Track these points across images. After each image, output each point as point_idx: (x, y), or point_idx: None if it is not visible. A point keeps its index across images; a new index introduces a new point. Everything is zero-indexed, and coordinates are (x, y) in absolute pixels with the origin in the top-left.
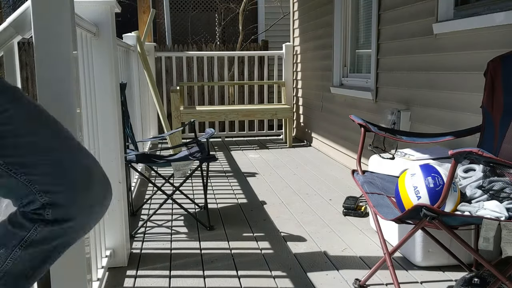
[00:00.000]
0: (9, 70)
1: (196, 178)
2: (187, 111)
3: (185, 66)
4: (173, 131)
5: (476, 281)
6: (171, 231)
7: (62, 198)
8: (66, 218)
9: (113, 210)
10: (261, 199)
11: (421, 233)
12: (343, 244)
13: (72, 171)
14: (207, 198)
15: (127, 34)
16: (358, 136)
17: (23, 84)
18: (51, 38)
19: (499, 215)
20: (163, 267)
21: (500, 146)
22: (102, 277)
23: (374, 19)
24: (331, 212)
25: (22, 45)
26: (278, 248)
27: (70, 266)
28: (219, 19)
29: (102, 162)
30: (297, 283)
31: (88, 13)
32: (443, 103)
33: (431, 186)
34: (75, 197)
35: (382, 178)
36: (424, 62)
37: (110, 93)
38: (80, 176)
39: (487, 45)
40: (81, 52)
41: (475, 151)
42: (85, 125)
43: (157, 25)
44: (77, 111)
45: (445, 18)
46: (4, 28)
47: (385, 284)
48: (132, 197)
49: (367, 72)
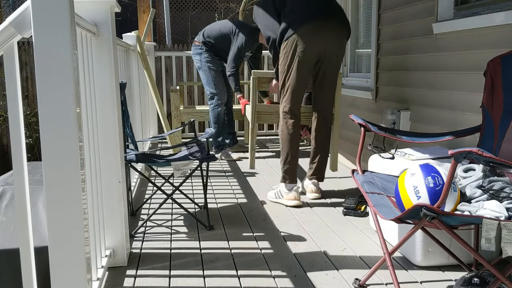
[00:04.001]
0: (9, 69)
1: (196, 178)
2: (187, 110)
3: (185, 66)
4: (173, 130)
5: (476, 281)
6: (171, 231)
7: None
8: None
9: (112, 210)
10: (261, 199)
11: (421, 233)
12: (343, 243)
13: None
14: (207, 198)
15: (127, 34)
16: (358, 135)
17: (23, 83)
18: (51, 38)
19: (499, 215)
20: (163, 266)
21: (500, 145)
22: (102, 277)
23: (374, 19)
24: (331, 211)
25: (22, 45)
26: (278, 248)
27: (69, 265)
28: (219, 18)
29: (102, 162)
30: (297, 283)
31: (88, 13)
32: (443, 102)
33: (431, 186)
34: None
35: (382, 177)
36: (424, 62)
37: (110, 93)
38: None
39: (487, 45)
40: (81, 51)
41: (475, 151)
42: (85, 125)
43: (157, 25)
44: (77, 110)
45: (445, 18)
46: (4, 27)
47: (385, 284)
48: (132, 197)
49: (367, 72)
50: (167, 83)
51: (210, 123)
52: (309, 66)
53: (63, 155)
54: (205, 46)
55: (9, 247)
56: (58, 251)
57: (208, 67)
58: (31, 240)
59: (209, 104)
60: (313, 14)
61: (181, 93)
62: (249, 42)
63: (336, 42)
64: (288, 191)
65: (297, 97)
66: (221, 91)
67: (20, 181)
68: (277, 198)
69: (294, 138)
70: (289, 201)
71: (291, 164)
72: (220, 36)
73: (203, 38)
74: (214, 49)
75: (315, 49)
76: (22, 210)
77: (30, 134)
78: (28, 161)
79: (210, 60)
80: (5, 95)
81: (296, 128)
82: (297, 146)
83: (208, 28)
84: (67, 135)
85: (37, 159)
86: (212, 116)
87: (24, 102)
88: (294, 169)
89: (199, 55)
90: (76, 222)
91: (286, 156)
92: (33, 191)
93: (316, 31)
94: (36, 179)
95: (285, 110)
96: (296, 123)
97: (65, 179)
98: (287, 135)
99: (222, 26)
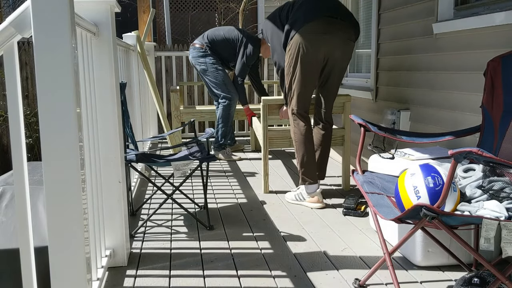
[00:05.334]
0: (9, 69)
1: (196, 178)
2: (187, 110)
3: (185, 66)
4: (173, 130)
5: (476, 281)
6: (171, 231)
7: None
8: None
9: (113, 210)
10: (261, 199)
11: (421, 233)
12: (343, 244)
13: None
14: (207, 198)
15: (127, 34)
16: (358, 135)
17: (23, 83)
18: (51, 38)
19: (499, 215)
20: (163, 266)
21: (500, 145)
22: (102, 277)
23: (374, 19)
24: (331, 212)
25: (22, 45)
26: (278, 248)
27: (69, 266)
28: (219, 19)
29: (102, 162)
30: (297, 283)
31: (88, 13)
32: (443, 102)
33: (431, 186)
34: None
35: (382, 177)
36: (424, 62)
37: (110, 92)
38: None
39: (487, 45)
40: (81, 51)
41: (475, 151)
42: (85, 124)
43: (157, 25)
44: (77, 110)
45: (445, 18)
46: (4, 27)
47: (384, 284)
48: (132, 197)
49: (367, 72)
50: (167, 83)
51: (217, 122)
52: (314, 67)
53: (63, 155)
54: (209, 49)
55: (9, 247)
56: (58, 251)
57: (216, 68)
58: (31, 240)
59: (221, 103)
60: (320, 11)
61: (181, 93)
62: (256, 52)
63: (344, 44)
64: (310, 193)
65: (304, 98)
66: (233, 91)
67: (20, 181)
68: (298, 201)
69: (307, 139)
70: (313, 203)
71: (308, 165)
72: (225, 42)
73: (206, 41)
74: (217, 53)
75: (321, 49)
76: (22, 210)
77: (30, 134)
78: (28, 161)
79: (216, 62)
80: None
81: (307, 128)
82: (311, 146)
83: (211, 33)
84: (67, 135)
85: (37, 159)
86: (223, 117)
87: (24, 102)
88: (312, 170)
89: (203, 57)
90: (76, 222)
91: (302, 157)
92: (33, 191)
93: (321, 30)
94: (36, 179)
95: (294, 112)
96: (306, 124)
97: (65, 179)
98: (300, 136)
99: (227, 32)
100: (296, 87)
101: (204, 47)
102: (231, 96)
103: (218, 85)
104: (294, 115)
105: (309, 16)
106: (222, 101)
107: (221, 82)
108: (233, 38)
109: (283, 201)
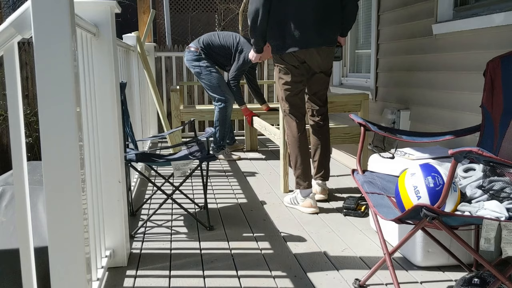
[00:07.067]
0: (9, 70)
1: (196, 178)
2: (187, 110)
3: (185, 66)
4: (173, 130)
5: (476, 281)
6: (171, 231)
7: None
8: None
9: (112, 210)
10: (261, 199)
11: (421, 233)
12: (343, 244)
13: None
14: (207, 198)
15: (127, 35)
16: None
17: (23, 83)
18: (51, 38)
19: (499, 215)
20: (163, 267)
21: (500, 145)
22: (101, 277)
23: (374, 20)
24: (331, 212)
25: (22, 45)
26: (278, 248)
27: (69, 266)
28: (219, 19)
29: (102, 162)
30: (297, 283)
31: (88, 14)
32: (443, 102)
33: (431, 186)
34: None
35: (382, 177)
36: (424, 62)
37: (110, 93)
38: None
39: (487, 45)
40: (81, 52)
41: (475, 151)
42: (85, 124)
43: (157, 26)
44: (77, 110)
45: (445, 19)
46: (4, 28)
47: (385, 284)
48: (132, 197)
49: (366, 72)
50: (167, 83)
51: (215, 124)
52: (300, 75)
53: (63, 155)
54: (204, 53)
55: (9, 247)
56: (58, 251)
57: (210, 71)
58: (31, 240)
59: (218, 106)
60: (306, 43)
61: (181, 92)
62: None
63: (324, 54)
64: (303, 197)
65: (294, 101)
66: (228, 94)
67: (20, 181)
68: (293, 204)
69: (300, 141)
70: (306, 208)
71: (302, 168)
72: (221, 47)
73: (202, 45)
74: (212, 57)
75: (305, 66)
76: (22, 210)
77: (30, 134)
78: (28, 161)
79: (210, 65)
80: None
81: (300, 129)
82: (305, 148)
83: (207, 37)
84: (67, 134)
85: (37, 159)
86: (220, 119)
87: (24, 101)
88: (306, 173)
89: (198, 61)
90: (76, 223)
91: (296, 160)
92: (33, 191)
93: (306, 56)
94: (36, 179)
95: (286, 113)
96: (299, 125)
97: (65, 179)
98: (292, 138)
99: (224, 38)
100: (285, 94)
101: (198, 50)
102: (225, 98)
103: (212, 88)
104: (286, 116)
105: (296, 45)
106: (218, 104)
107: (215, 85)
108: (229, 44)
109: (283, 201)
